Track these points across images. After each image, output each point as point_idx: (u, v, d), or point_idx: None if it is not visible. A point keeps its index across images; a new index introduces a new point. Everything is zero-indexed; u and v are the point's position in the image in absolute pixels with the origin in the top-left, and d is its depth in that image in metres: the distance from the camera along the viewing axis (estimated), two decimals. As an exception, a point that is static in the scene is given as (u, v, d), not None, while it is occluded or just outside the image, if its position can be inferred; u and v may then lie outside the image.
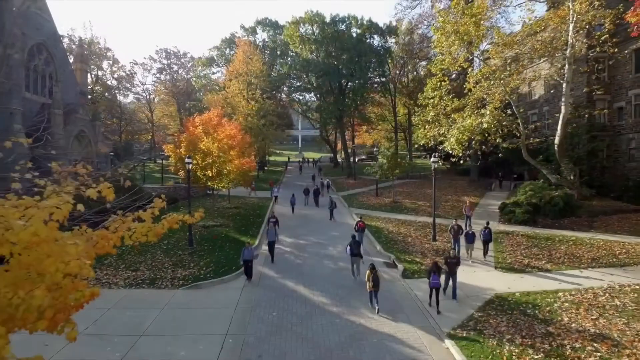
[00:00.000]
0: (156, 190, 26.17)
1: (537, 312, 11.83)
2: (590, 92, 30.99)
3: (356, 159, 68.52)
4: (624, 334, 10.31)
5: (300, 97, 57.79)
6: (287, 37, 49.00)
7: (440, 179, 41.31)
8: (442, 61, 23.46)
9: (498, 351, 9.66)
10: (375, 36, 48.92)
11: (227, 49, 64.11)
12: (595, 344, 9.79)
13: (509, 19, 76.62)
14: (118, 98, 75.79)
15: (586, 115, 27.74)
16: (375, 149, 66.34)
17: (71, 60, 47.61)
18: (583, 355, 9.28)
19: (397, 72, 53.81)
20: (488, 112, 22.08)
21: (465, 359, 9.39)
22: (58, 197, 4.82)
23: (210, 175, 22.81)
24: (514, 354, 9.51)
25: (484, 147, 24.15)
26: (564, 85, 24.19)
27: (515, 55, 23.71)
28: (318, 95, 51.49)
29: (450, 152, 24.41)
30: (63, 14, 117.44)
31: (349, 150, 55.64)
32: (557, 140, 25.24)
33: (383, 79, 51.15)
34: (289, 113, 74.78)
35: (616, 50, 22.81)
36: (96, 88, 68.27)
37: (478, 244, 17.12)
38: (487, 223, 17.81)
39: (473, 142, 23.46)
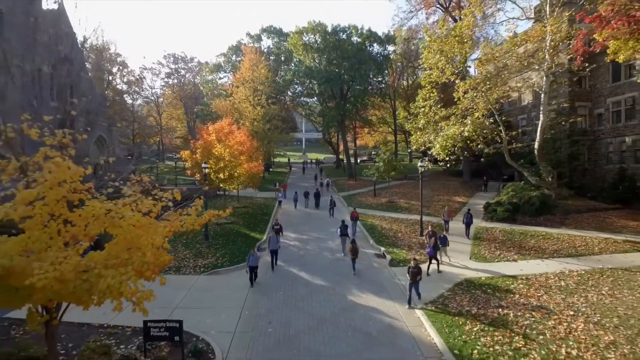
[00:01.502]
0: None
1: (495, 291, 14.48)
2: (572, 100, 33.55)
3: (358, 160, 71.28)
4: (559, 305, 12.96)
5: (304, 102, 60.40)
6: (291, 45, 51.71)
7: (434, 180, 43.94)
8: (430, 75, 26.11)
9: (456, 318, 12.35)
10: (374, 44, 51.55)
11: (234, 56, 66.94)
12: (533, 313, 12.44)
13: (498, 31, 79.24)
14: (128, 102, 78.87)
15: (567, 122, 30.13)
16: (373, 152, 68.85)
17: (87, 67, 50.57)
18: (521, 320, 11.95)
19: (397, 77, 56.40)
20: (469, 122, 24.70)
21: (430, 323, 12.06)
22: (148, 200, 7.60)
23: (223, 177, 25.61)
24: (468, 319, 12.18)
25: (466, 152, 26.70)
26: (542, 95, 26.74)
27: (496, 69, 26.27)
28: (320, 100, 54.12)
29: (437, 156, 27.05)
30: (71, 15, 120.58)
31: (350, 152, 58.34)
32: (536, 145, 27.77)
33: (382, 85, 53.72)
34: (293, 116, 77.60)
35: (586, 64, 25.25)
36: (107, 92, 71.45)
37: (462, 245, 19.79)
38: (469, 210, 21.18)
39: (455, 149, 26.01)
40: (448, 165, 27.63)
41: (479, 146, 25.62)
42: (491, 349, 10.45)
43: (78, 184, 7.38)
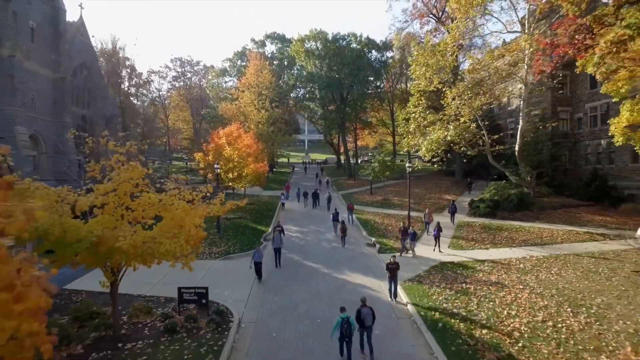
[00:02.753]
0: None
1: (463, 272, 17.32)
2: (554, 105, 36.28)
3: (359, 160, 74.18)
4: (513, 282, 15.78)
5: (306, 105, 63.19)
6: (294, 52, 54.60)
7: (429, 180, 46.69)
8: (418, 84, 28.94)
9: (427, 290, 15.19)
10: (373, 51, 54.38)
11: (239, 61, 69.91)
12: (490, 287, 15.27)
13: (487, 40, 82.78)
14: (136, 104, 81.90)
15: (545, 126, 32.81)
16: (369, 154, 71.57)
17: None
18: (478, 292, 14.79)
19: (394, 81, 59.19)
20: (452, 127, 27.51)
21: (405, 294, 14.90)
22: (189, 192, 10.52)
23: (232, 177, 28.54)
24: (437, 291, 15.03)
25: (449, 155, 29.48)
26: (521, 103, 29.51)
27: (478, 80, 29.02)
28: (322, 104, 56.94)
29: (423, 157, 29.87)
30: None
31: (350, 153, 61.21)
32: (517, 147, 30.53)
33: (380, 90, 56.52)
34: (295, 118, 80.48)
35: (561, 75, 28.00)
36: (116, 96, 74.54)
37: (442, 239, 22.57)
38: (453, 201, 24.29)
39: (439, 151, 28.83)
40: (435, 165, 30.39)
41: (462, 149, 28.42)
42: (449, 311, 13.29)
43: (140, 180, 10.30)
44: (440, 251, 20.65)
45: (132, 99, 79.58)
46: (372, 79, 54.22)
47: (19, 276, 4.41)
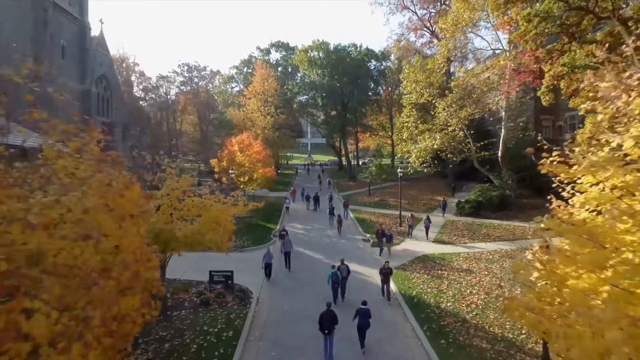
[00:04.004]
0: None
1: (441, 262, 20.74)
2: (537, 113, 39.59)
3: (360, 163, 77.62)
4: (480, 269, 19.19)
5: (309, 111, 66.66)
6: (298, 61, 58.10)
7: (424, 182, 50.05)
8: (410, 98, 32.36)
9: (409, 276, 18.63)
10: (372, 60, 57.81)
11: (245, 68, 73.57)
12: (460, 273, 18.70)
13: (475, 55, 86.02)
14: (144, 107, 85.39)
15: (525, 134, 36.14)
16: (367, 159, 74.71)
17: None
18: (450, 276, 18.22)
19: (393, 88, 62.56)
20: (438, 137, 30.93)
21: (392, 279, 18.32)
22: (222, 197, 14.02)
23: (244, 180, 32.04)
24: (416, 276, 18.46)
25: (436, 161, 32.88)
26: (503, 114, 32.85)
27: (463, 93, 32.39)
28: (324, 112, 60.37)
29: (413, 164, 33.33)
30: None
31: (350, 156, 64.63)
32: (500, 153, 33.89)
33: (378, 97, 59.93)
34: (299, 122, 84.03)
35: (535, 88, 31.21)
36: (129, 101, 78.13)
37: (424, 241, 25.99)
38: (444, 198, 27.65)
39: (427, 158, 32.26)
40: (425, 169, 33.79)
41: (449, 155, 31.80)
42: (424, 290, 16.73)
43: (186, 187, 13.78)
44: (427, 238, 24.27)
45: (141, 102, 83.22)
46: (371, 86, 57.59)
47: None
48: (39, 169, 6.54)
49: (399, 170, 29.18)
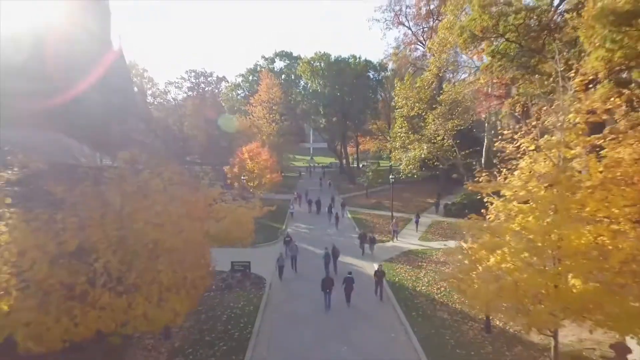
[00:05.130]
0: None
1: (422, 256, 24.62)
2: (519, 122, 43.39)
3: (360, 165, 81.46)
4: (455, 260, 22.99)
5: (312, 119, 70.53)
6: (301, 72, 62.10)
7: (418, 184, 53.78)
8: (401, 111, 36.21)
9: (394, 266, 22.52)
10: (370, 71, 61.70)
11: (250, 76, 77.58)
12: (436, 264, 22.59)
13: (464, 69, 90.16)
14: (153, 111, 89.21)
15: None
16: (363, 164, 78.16)
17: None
18: (427, 267, 22.09)
19: (390, 96, 66.41)
20: (426, 147, 34.79)
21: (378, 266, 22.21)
22: (243, 202, 18.00)
23: (253, 185, 35.99)
24: (400, 267, 22.35)
25: (423, 169, 36.78)
26: (486, 125, 36.68)
27: (452, 105, 36.21)
28: (325, 120, 64.27)
29: (403, 171, 37.24)
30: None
31: (352, 157, 68.48)
32: (483, 160, 37.73)
33: (377, 105, 63.83)
34: (302, 127, 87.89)
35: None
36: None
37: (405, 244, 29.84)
38: (438, 200, 31.59)
39: (416, 166, 36.16)
40: (415, 175, 37.68)
41: (435, 163, 35.66)
42: (405, 277, 20.63)
43: (217, 195, 17.68)
44: (417, 231, 28.13)
45: (150, 107, 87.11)
46: (370, 94, 61.50)
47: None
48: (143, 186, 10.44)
49: (390, 176, 33.04)
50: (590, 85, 14.58)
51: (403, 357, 13.81)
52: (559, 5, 20.50)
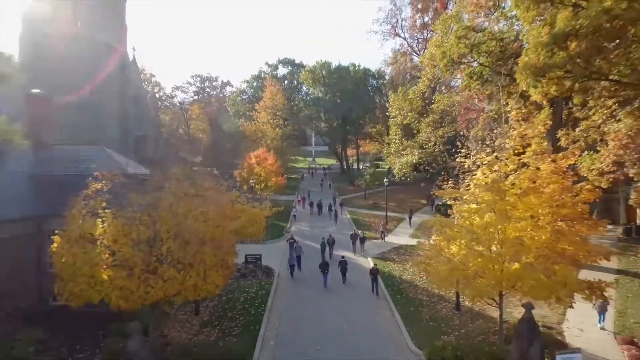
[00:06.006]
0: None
1: (410, 250, 28.06)
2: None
3: (361, 167, 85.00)
4: (425, 250, 26.49)
5: (314, 124, 74.21)
6: (304, 79, 65.74)
7: (412, 186, 57.19)
8: (395, 120, 39.67)
9: (386, 259, 25.99)
10: (369, 78, 65.27)
11: (255, 82, 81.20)
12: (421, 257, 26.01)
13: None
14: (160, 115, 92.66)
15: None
16: (364, 165, 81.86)
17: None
18: (397, 259, 25.53)
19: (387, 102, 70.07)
20: (417, 153, 38.24)
21: (372, 261, 25.68)
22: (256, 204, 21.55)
23: (260, 187, 39.53)
24: (390, 259, 25.82)
25: (414, 173, 40.31)
26: (472, 131, 40.02)
27: (441, 115, 39.64)
28: (327, 125, 67.84)
29: (396, 175, 40.78)
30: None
31: (353, 159, 71.96)
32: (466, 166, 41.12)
33: (374, 110, 67.35)
34: (305, 130, 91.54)
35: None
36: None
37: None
38: (434, 199, 35.04)
39: (408, 169, 39.64)
40: (409, 178, 41.15)
41: (425, 168, 39.12)
42: (393, 268, 24.11)
43: (236, 198, 21.16)
44: (410, 225, 31.49)
45: (158, 113, 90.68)
46: (368, 100, 65.06)
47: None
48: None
49: (385, 180, 36.49)
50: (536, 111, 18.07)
51: (387, 328, 17.30)
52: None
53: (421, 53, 54.44)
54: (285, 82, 79.75)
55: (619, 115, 15.09)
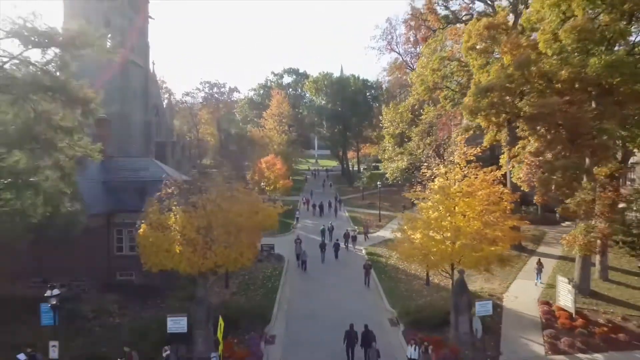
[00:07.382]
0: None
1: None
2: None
3: (361, 168, 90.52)
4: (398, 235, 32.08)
5: (316, 130, 79.96)
6: (307, 89, 71.43)
7: (406, 187, 62.68)
8: (387, 130, 45.15)
9: (376, 249, 31.56)
10: (368, 88, 70.93)
11: (261, 90, 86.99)
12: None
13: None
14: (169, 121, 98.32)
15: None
16: (364, 167, 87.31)
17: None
18: (385, 249, 30.96)
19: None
20: (406, 159, 43.65)
21: (365, 252, 31.25)
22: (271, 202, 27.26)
23: (270, 189, 45.16)
24: (380, 249, 31.40)
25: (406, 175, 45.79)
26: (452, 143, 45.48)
27: (429, 125, 45.03)
28: (329, 132, 73.51)
29: (389, 178, 46.31)
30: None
31: (353, 161, 77.46)
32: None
33: (372, 117, 72.95)
34: (308, 135, 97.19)
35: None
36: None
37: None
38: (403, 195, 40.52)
39: (398, 174, 45.10)
40: (400, 181, 46.59)
41: (414, 173, 44.53)
42: (382, 255, 29.68)
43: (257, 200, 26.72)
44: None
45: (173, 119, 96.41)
46: (367, 109, 70.69)
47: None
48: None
49: (378, 183, 41.97)
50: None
51: (372, 298, 22.89)
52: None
53: (414, 66, 59.87)
54: (290, 90, 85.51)
55: (531, 139, 20.48)
